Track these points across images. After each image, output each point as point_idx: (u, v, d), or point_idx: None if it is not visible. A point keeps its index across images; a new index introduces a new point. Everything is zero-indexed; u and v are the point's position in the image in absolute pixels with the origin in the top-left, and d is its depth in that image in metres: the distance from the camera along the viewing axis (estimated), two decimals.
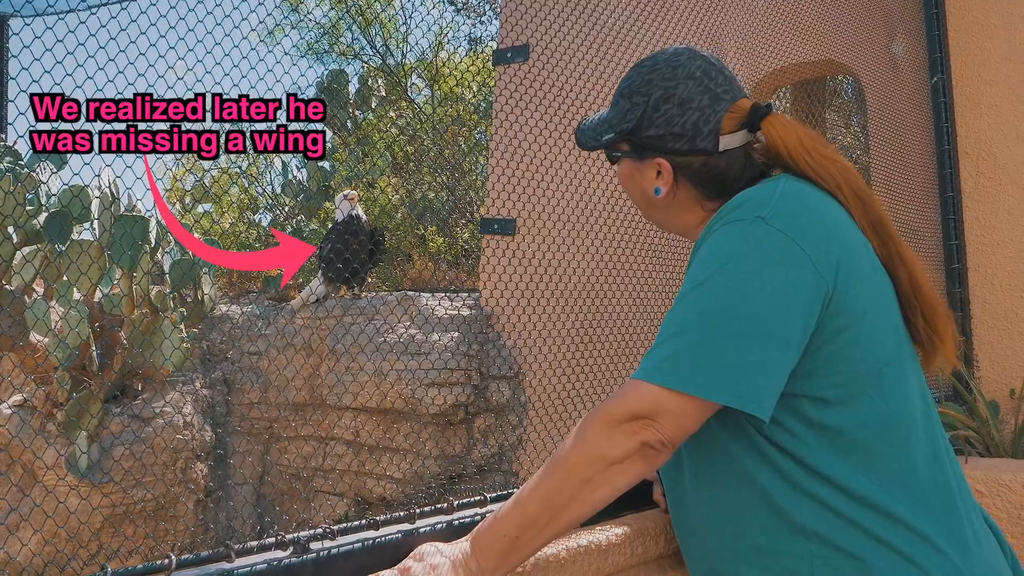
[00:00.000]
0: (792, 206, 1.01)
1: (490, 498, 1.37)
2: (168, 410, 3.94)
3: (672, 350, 0.96)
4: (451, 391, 3.89)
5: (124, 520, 3.67)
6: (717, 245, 1.00)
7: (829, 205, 1.05)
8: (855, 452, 0.98)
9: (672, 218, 1.18)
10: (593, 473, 0.96)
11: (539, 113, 2.15)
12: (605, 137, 1.17)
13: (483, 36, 7.32)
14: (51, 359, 3.66)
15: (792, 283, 0.96)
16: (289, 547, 1.11)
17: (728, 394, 0.93)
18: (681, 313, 0.98)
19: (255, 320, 4.59)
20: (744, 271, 0.96)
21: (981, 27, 3.24)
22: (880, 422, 0.99)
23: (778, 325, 0.95)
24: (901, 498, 0.97)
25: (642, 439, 0.95)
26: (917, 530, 0.96)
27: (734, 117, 1.11)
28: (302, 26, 6.51)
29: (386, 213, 5.72)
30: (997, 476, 2.10)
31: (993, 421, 2.57)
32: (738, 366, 0.94)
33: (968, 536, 1.00)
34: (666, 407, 0.95)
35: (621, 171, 1.19)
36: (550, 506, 0.97)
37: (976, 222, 3.18)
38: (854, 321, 0.99)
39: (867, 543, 0.96)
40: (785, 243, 0.97)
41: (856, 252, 1.02)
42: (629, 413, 0.95)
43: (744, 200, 1.03)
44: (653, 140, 1.13)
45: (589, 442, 0.97)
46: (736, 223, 1.00)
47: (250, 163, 6.37)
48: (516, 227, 2.43)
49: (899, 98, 3.18)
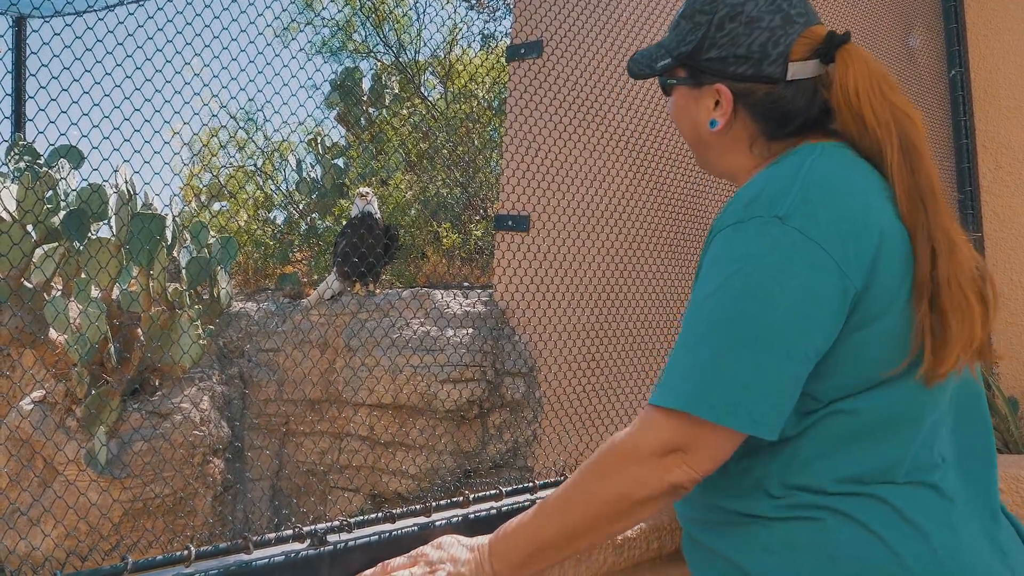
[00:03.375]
0: (815, 198, 0.90)
1: (506, 492, 1.38)
2: (186, 406, 3.98)
3: (694, 370, 0.87)
4: (466, 387, 3.90)
5: (143, 513, 3.71)
6: (731, 247, 0.91)
7: (861, 186, 0.93)
8: (839, 441, 0.92)
9: (722, 158, 1.07)
10: (616, 511, 0.91)
11: (553, 109, 2.14)
12: (660, 63, 1.06)
13: (496, 32, 7.32)
14: (70, 355, 3.70)
15: (814, 289, 0.87)
16: (307, 539, 1.12)
17: (746, 419, 0.86)
18: (697, 325, 0.90)
19: (271, 316, 4.62)
20: (762, 277, 0.88)
21: (1000, 20, 3.20)
22: (875, 421, 0.92)
23: (800, 336, 0.87)
24: (882, 483, 0.91)
25: (673, 480, 0.88)
26: (894, 506, 0.90)
27: (807, 43, 0.99)
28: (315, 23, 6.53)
29: (400, 209, 5.74)
30: (1016, 472, 2.08)
31: (1012, 417, 2.55)
32: (757, 386, 0.86)
33: (968, 524, 0.93)
34: (699, 439, 0.87)
35: (675, 103, 1.08)
36: (566, 535, 0.93)
37: (995, 216, 3.15)
38: (875, 319, 0.90)
39: (828, 511, 0.91)
40: (805, 245, 0.87)
41: (889, 244, 0.91)
42: (659, 447, 0.87)
43: (759, 193, 0.93)
44: (714, 63, 1.01)
45: (613, 480, 0.90)
46: (750, 222, 0.90)
47: (265, 160, 6.41)
48: (530, 223, 2.42)
49: (916, 92, 3.15)
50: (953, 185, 3.14)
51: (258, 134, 6.12)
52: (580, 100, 2.22)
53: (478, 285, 4.91)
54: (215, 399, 4.24)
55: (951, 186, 3.14)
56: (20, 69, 3.54)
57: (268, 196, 6.51)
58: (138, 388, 4.03)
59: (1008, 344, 3.04)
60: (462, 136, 5.92)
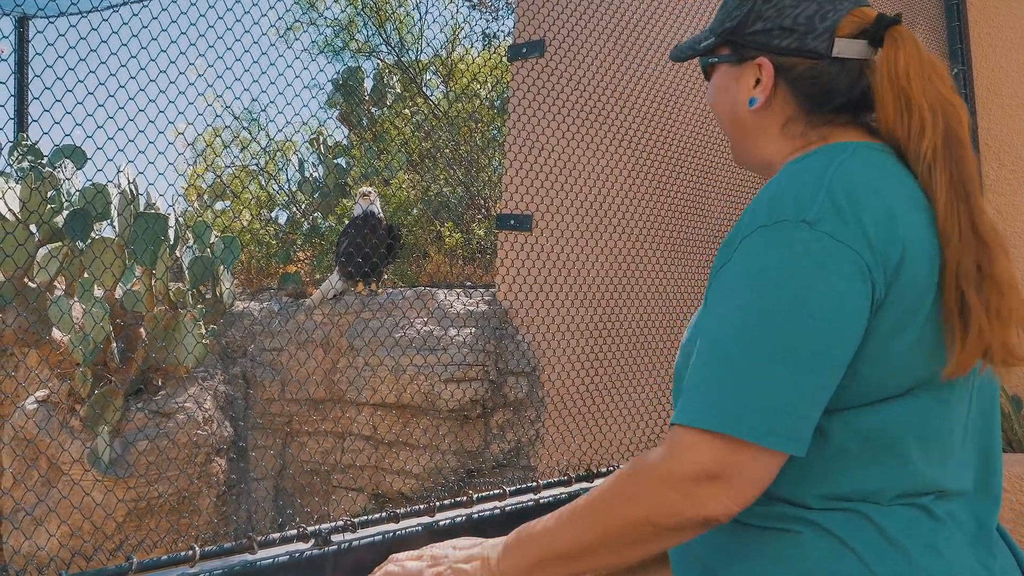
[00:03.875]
0: (843, 200, 0.85)
1: (509, 492, 1.38)
2: (189, 405, 3.98)
3: (728, 389, 0.81)
4: (469, 386, 3.91)
5: (147, 513, 3.72)
6: (759, 255, 0.85)
7: (888, 190, 0.88)
8: (824, 456, 0.88)
9: (757, 144, 1.01)
10: (638, 535, 0.84)
11: (555, 108, 2.14)
12: (704, 43, 1.02)
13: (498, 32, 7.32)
14: (74, 355, 3.71)
15: (849, 297, 0.82)
16: (311, 539, 1.12)
17: (785, 438, 0.80)
18: (726, 341, 0.83)
19: (274, 316, 4.63)
20: (796, 288, 0.82)
21: (1002, 18, 3.20)
22: (865, 441, 0.88)
23: (836, 347, 0.82)
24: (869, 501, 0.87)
25: (708, 513, 0.80)
26: (877, 525, 0.86)
27: (855, 22, 0.95)
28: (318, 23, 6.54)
29: (402, 209, 5.74)
30: (1019, 471, 2.08)
31: (1015, 416, 2.55)
32: (794, 402, 0.80)
33: (958, 547, 0.88)
34: (740, 464, 0.79)
35: (715, 84, 1.03)
36: (581, 548, 0.87)
37: (997, 214, 3.14)
38: (879, 336, 0.85)
39: (807, 524, 0.88)
40: (838, 250, 0.82)
41: (911, 257, 0.86)
42: (698, 473, 0.80)
43: (784, 194, 0.87)
44: (758, 36, 0.97)
45: (642, 505, 0.83)
46: (777, 226, 0.84)
47: (268, 160, 6.42)
48: (533, 223, 2.43)
49: None
50: None
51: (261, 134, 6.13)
52: (583, 100, 2.22)
53: (481, 284, 4.91)
54: (218, 398, 4.25)
55: None
56: (24, 69, 3.55)
57: (271, 196, 6.52)
58: (141, 388, 4.04)
59: None
60: (464, 135, 5.92)
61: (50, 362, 3.79)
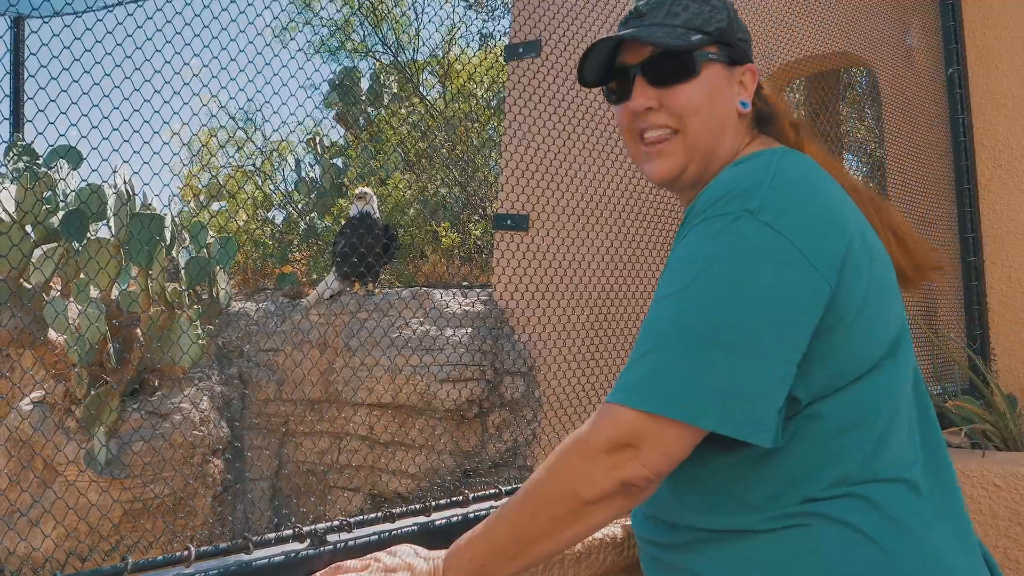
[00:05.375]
0: (786, 194, 0.89)
1: (505, 491, 1.38)
2: (185, 406, 3.98)
3: (653, 367, 0.84)
4: (465, 386, 3.91)
5: (143, 514, 3.72)
6: (699, 243, 0.88)
7: (828, 184, 0.94)
8: (821, 443, 0.90)
9: (723, 143, 1.03)
10: (566, 511, 0.86)
11: (552, 108, 2.15)
12: (694, 37, 1.00)
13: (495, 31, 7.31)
14: (69, 355, 3.70)
15: (786, 285, 0.84)
16: (306, 539, 1.12)
17: (720, 419, 0.82)
18: (660, 323, 0.86)
19: (270, 316, 4.63)
20: (731, 274, 0.84)
21: (997, 17, 3.21)
22: (854, 418, 0.90)
23: (772, 334, 0.83)
24: (866, 482, 0.90)
25: (623, 477, 0.83)
26: (879, 506, 0.89)
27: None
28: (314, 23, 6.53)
29: (399, 209, 5.74)
30: (1015, 470, 2.09)
31: (1011, 415, 2.55)
32: (730, 385, 0.82)
33: (940, 522, 0.92)
34: (650, 435, 0.82)
35: (706, 81, 1.01)
36: (519, 539, 0.88)
37: (993, 214, 3.15)
38: (847, 318, 0.88)
39: (815, 516, 0.89)
40: (776, 240, 0.85)
41: (856, 240, 0.91)
42: (608, 443, 0.83)
43: (729, 188, 0.90)
44: (742, 44, 1.04)
45: (562, 477, 0.86)
46: (720, 218, 0.88)
47: (264, 160, 6.41)
48: (530, 223, 2.43)
49: (914, 90, 3.15)
50: (951, 183, 3.14)
51: (257, 134, 6.12)
52: (579, 100, 2.23)
53: (477, 284, 4.91)
54: (214, 399, 4.24)
55: (949, 185, 3.14)
56: (19, 70, 3.54)
57: (267, 196, 6.51)
58: (137, 388, 4.04)
59: (1006, 341, 3.04)
60: (461, 135, 5.92)
61: (46, 363, 3.78)
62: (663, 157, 1.02)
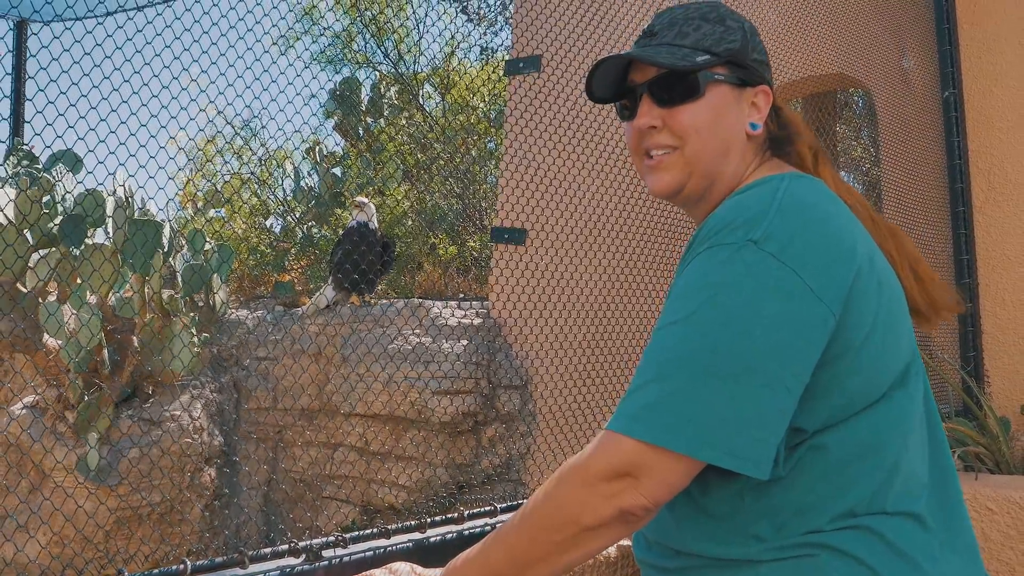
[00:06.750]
0: (791, 223, 0.88)
1: (500, 508, 1.39)
2: (178, 413, 3.97)
3: (655, 397, 0.84)
4: (460, 399, 3.91)
5: (134, 522, 3.70)
6: (702, 273, 0.88)
7: (837, 211, 0.93)
8: (828, 474, 0.90)
9: (730, 164, 1.03)
10: (564, 537, 0.86)
11: (552, 125, 2.16)
12: (700, 58, 1.00)
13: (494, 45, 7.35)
14: (64, 361, 3.69)
15: (790, 317, 0.84)
16: (302, 554, 1.12)
17: (721, 451, 0.82)
18: (662, 352, 0.86)
19: (266, 326, 4.62)
20: (734, 304, 0.84)
21: (992, 41, 3.24)
22: (861, 449, 0.90)
23: (775, 365, 0.83)
24: (874, 514, 0.90)
25: (622, 505, 0.83)
26: (886, 539, 0.89)
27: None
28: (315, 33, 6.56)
29: (396, 220, 5.75)
30: (1007, 494, 2.10)
31: (1004, 437, 2.56)
32: (732, 417, 0.82)
33: (949, 556, 0.93)
34: (651, 465, 0.83)
35: (711, 102, 1.01)
36: (515, 563, 0.88)
37: (987, 237, 3.17)
38: (853, 347, 0.88)
39: (821, 548, 0.89)
40: (780, 271, 0.85)
41: (864, 267, 0.90)
42: (608, 471, 0.83)
43: (734, 216, 0.90)
44: (758, 65, 1.03)
45: (561, 503, 0.86)
46: (723, 247, 0.87)
47: (262, 168, 6.42)
48: (527, 237, 2.44)
49: (910, 112, 3.18)
50: (946, 205, 3.16)
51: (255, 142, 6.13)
52: (578, 117, 2.24)
53: (474, 297, 4.92)
54: (208, 407, 4.23)
55: (944, 206, 3.16)
56: (20, 72, 3.54)
57: (264, 204, 6.52)
58: (131, 395, 4.02)
59: (1000, 364, 3.06)
60: (459, 147, 5.94)
61: (40, 368, 3.77)
62: (663, 171, 1.03)
